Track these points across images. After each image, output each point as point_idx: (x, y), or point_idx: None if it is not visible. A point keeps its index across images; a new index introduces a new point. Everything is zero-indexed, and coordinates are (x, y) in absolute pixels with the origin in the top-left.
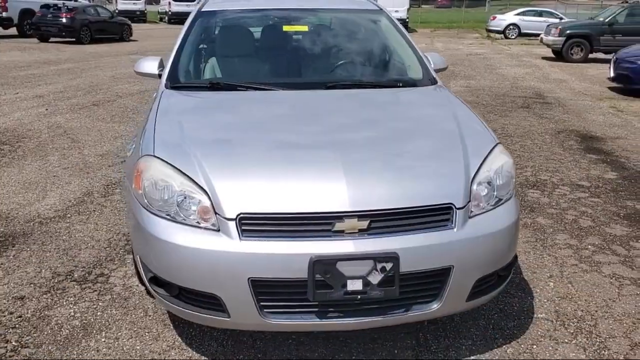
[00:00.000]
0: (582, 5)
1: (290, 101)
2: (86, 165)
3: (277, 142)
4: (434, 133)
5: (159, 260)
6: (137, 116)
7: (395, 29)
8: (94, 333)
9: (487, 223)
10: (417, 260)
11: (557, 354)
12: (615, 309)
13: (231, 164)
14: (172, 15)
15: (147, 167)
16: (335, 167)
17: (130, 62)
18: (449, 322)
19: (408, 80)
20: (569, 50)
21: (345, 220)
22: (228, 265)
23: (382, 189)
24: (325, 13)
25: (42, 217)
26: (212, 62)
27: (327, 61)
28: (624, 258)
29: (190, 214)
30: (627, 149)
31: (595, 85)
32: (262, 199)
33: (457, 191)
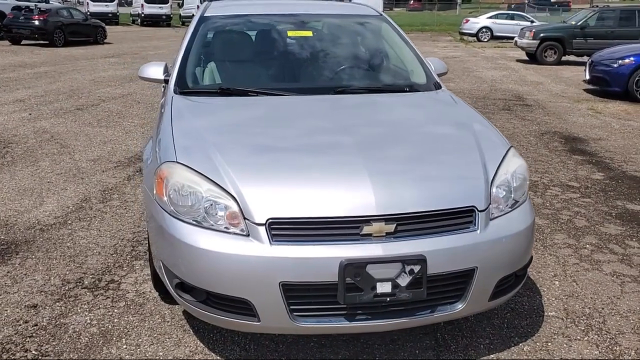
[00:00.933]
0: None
1: (304, 106)
2: (79, 170)
3: (299, 147)
4: (449, 137)
5: (187, 265)
6: (124, 120)
7: (397, 34)
8: (114, 340)
9: (507, 225)
10: (443, 262)
11: (572, 351)
12: (621, 306)
13: (257, 169)
14: (145, 18)
15: (171, 174)
16: (360, 172)
17: (108, 65)
18: (464, 322)
19: (413, 85)
20: (543, 53)
21: (373, 223)
22: (259, 269)
23: (407, 192)
24: (328, 18)
25: (42, 223)
26: (220, 67)
27: (333, 66)
28: (621, 256)
29: (218, 219)
30: (610, 150)
31: (571, 87)
32: (291, 204)
33: (478, 194)
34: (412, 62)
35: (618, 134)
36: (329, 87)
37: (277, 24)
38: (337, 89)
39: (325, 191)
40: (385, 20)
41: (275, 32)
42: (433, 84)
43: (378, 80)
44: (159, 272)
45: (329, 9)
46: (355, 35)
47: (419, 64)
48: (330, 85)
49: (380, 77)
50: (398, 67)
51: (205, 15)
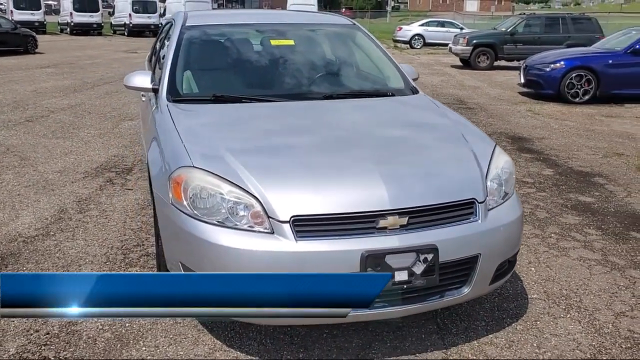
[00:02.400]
0: (471, 15)
1: (300, 111)
2: (47, 182)
3: (308, 148)
4: (440, 137)
5: (212, 264)
6: (79, 131)
7: (372, 42)
8: (132, 343)
9: (502, 215)
10: (452, 251)
11: (559, 328)
12: (592, 286)
13: (274, 170)
14: (75, 26)
15: (190, 178)
16: (371, 170)
17: (47, 75)
18: (460, 308)
19: (394, 89)
20: (476, 59)
21: (388, 217)
22: (287, 264)
23: (415, 188)
24: (307, 27)
25: (24, 236)
26: (210, 76)
27: (319, 73)
28: (584, 243)
29: (241, 219)
30: (554, 148)
31: (507, 90)
32: (312, 201)
33: (477, 187)
34: (389, 69)
35: (558, 133)
36: (317, 93)
37: (259, 34)
38: (325, 95)
39: (342, 189)
40: (359, 29)
41: (258, 41)
42: (410, 89)
43: (361, 85)
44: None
45: (304, 19)
46: (334, 43)
47: (395, 70)
48: (318, 91)
49: (363, 82)
50: (377, 73)
51: (187, 25)
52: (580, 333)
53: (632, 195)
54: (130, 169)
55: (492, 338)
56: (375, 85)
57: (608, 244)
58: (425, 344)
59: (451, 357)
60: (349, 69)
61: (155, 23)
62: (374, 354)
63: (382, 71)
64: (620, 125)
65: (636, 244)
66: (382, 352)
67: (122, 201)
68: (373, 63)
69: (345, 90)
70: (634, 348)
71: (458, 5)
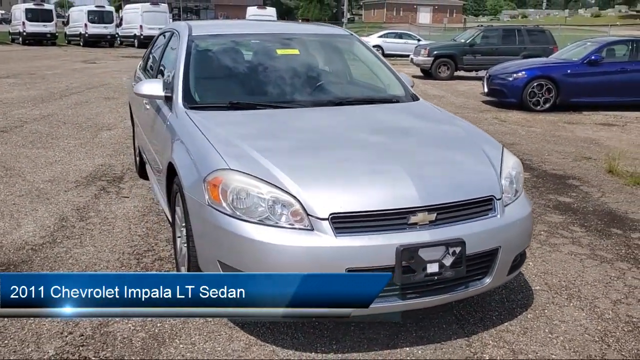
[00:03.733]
0: (426, 27)
1: (316, 117)
2: (40, 192)
3: (334, 150)
4: (453, 139)
5: (255, 260)
6: (59, 141)
7: (369, 51)
8: (168, 341)
9: (517, 210)
10: (476, 244)
11: (565, 315)
12: (587, 277)
13: (309, 170)
14: (28, 36)
15: (229, 180)
16: (399, 171)
17: (9, 86)
18: (472, 300)
19: (398, 96)
20: (437, 69)
21: (418, 214)
22: (327, 258)
23: (441, 186)
24: (309, 38)
25: (30, 244)
26: (221, 84)
27: (325, 81)
28: (571, 239)
29: (281, 217)
30: (526, 153)
31: (471, 99)
32: (348, 200)
33: (494, 185)
34: (389, 77)
35: (527, 139)
36: (328, 100)
37: (265, 43)
38: (335, 101)
39: (374, 188)
40: (357, 39)
41: (265, 50)
42: (411, 96)
43: (367, 92)
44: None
45: (304, 29)
46: (334, 52)
47: (395, 77)
48: (328, 98)
49: (367, 90)
50: (378, 81)
51: (194, 35)
52: (585, 319)
53: (606, 195)
54: (121, 177)
55: (507, 326)
56: (379, 92)
57: (594, 240)
58: (447, 333)
59: (474, 344)
60: (352, 77)
61: (112, 33)
62: (402, 344)
63: (382, 79)
64: (583, 131)
65: (619, 239)
66: (409, 342)
67: (122, 209)
68: (373, 71)
69: (352, 97)
70: (635, 331)
71: (411, 17)
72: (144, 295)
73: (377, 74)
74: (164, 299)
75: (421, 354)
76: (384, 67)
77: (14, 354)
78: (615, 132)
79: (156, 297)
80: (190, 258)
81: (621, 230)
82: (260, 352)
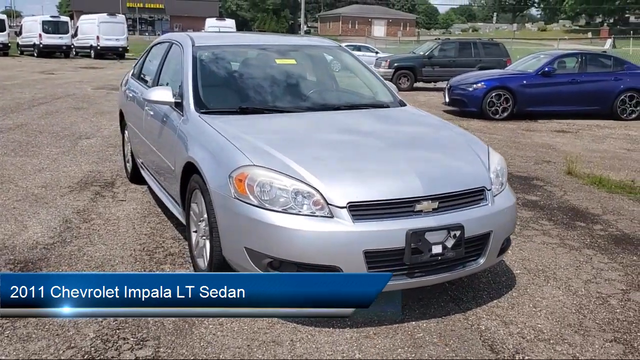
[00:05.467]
0: (382, 40)
1: (320, 119)
2: (37, 197)
3: (344, 147)
4: (444, 139)
5: (281, 245)
6: (40, 150)
7: (357, 61)
8: (197, 323)
9: (504, 200)
10: (473, 228)
11: (545, 293)
12: (559, 262)
13: (324, 165)
14: None
15: (254, 175)
16: (403, 164)
17: None
18: (461, 282)
19: (387, 102)
20: (398, 81)
21: (423, 202)
22: (347, 241)
23: (440, 179)
24: (303, 49)
25: (42, 243)
26: (228, 90)
27: (323, 88)
28: (542, 231)
29: (303, 206)
30: None
31: (432, 109)
32: (362, 190)
33: (485, 178)
34: (377, 84)
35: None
36: (328, 105)
37: (264, 53)
38: (334, 106)
39: (384, 180)
40: (345, 50)
41: (265, 59)
42: (399, 102)
43: (359, 99)
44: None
45: (297, 41)
46: (327, 62)
47: (382, 85)
48: (327, 103)
49: (359, 96)
50: (371, 87)
51: (197, 45)
52: (562, 296)
53: (567, 193)
54: (113, 182)
55: (496, 302)
56: (371, 98)
57: (561, 231)
58: (445, 309)
59: (470, 317)
60: (346, 84)
61: (67, 44)
62: (408, 319)
63: (371, 87)
64: (540, 138)
65: (583, 231)
66: (414, 317)
67: (121, 211)
68: (362, 79)
69: (349, 102)
70: (605, 304)
71: (367, 30)
72: (144, 295)
73: (366, 81)
74: (164, 299)
75: (426, 327)
76: (372, 76)
77: (58, 337)
78: (570, 139)
79: (156, 297)
80: (213, 248)
81: (584, 223)
82: (284, 329)
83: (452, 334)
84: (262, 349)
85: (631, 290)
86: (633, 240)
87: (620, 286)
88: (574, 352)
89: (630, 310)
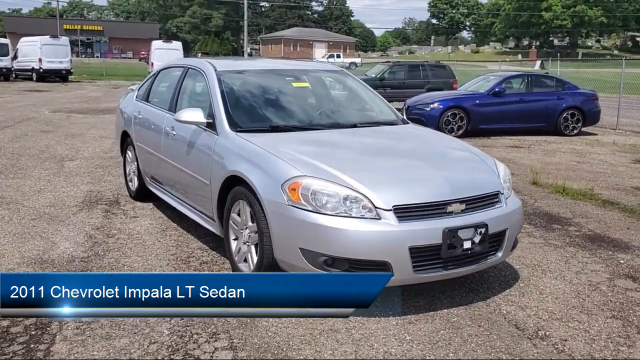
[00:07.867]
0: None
1: (347, 136)
2: (50, 215)
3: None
4: (456, 151)
5: (336, 244)
6: (29, 172)
7: (360, 84)
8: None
9: (513, 203)
10: (494, 226)
11: (546, 283)
12: (550, 258)
13: (367, 174)
14: None
15: (307, 184)
16: (432, 173)
17: None
18: (474, 277)
19: (393, 120)
20: None
21: (453, 205)
22: (394, 239)
23: (465, 185)
24: (313, 73)
25: (78, 257)
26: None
27: (338, 108)
28: (527, 234)
29: (352, 209)
30: None
31: None
32: (404, 195)
33: (498, 184)
34: (381, 104)
35: None
36: (347, 123)
37: (281, 77)
38: (352, 125)
39: (420, 186)
40: (348, 74)
41: (282, 82)
42: (401, 120)
43: (373, 117)
44: (291, 257)
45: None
46: (335, 84)
47: (385, 105)
48: (347, 122)
49: (372, 115)
50: (377, 107)
51: (220, 70)
52: (560, 284)
53: (538, 201)
54: (117, 201)
55: (508, 292)
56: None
57: (543, 233)
58: (468, 298)
59: (491, 304)
60: (354, 104)
61: (7, 66)
62: (440, 307)
63: (377, 107)
64: (497, 152)
65: (560, 232)
66: (444, 306)
67: (139, 226)
68: (368, 100)
69: (363, 120)
70: (597, 290)
71: (308, 52)
72: (144, 295)
73: (371, 102)
74: (164, 299)
75: (457, 312)
76: (375, 96)
77: (136, 335)
78: (524, 153)
79: (156, 297)
80: (264, 252)
81: (560, 225)
82: (336, 319)
83: (480, 317)
84: (324, 336)
85: (615, 278)
86: (604, 239)
87: (605, 275)
88: (584, 327)
89: (619, 293)
